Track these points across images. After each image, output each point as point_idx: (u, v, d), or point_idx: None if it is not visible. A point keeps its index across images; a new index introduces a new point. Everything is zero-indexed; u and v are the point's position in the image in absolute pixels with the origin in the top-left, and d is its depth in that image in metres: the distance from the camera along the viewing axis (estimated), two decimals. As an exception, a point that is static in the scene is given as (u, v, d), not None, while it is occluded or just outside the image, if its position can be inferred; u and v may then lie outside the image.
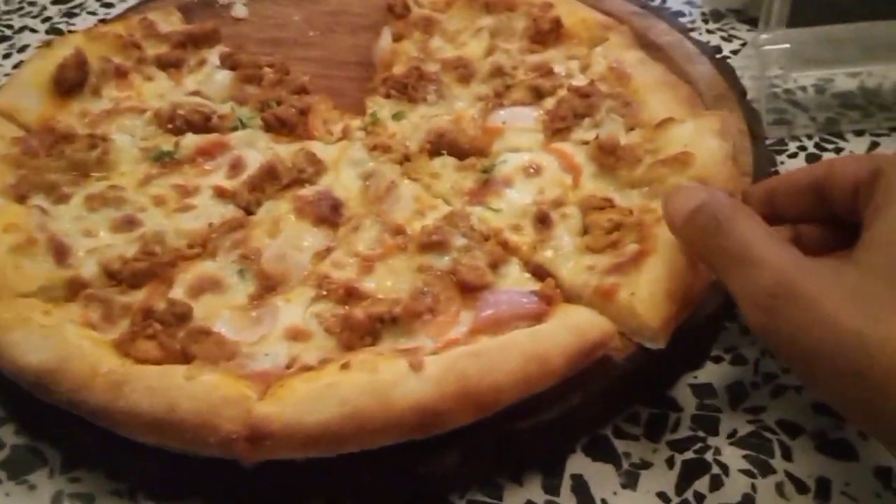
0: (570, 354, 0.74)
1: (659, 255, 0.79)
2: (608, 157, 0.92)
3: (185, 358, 0.77)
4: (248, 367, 0.77)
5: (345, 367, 0.72)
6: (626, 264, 0.80)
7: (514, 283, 0.83)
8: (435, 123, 1.02)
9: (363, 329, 0.78)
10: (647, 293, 0.77)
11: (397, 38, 1.16)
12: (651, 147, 0.92)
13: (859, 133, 1.08)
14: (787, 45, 1.06)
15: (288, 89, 1.09)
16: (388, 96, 1.07)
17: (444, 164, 0.97)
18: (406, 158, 0.99)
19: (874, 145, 1.07)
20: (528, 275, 0.84)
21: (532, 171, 0.95)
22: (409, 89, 1.06)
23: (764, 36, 1.07)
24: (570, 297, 0.82)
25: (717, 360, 0.86)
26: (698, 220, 0.70)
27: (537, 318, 0.78)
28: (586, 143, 0.96)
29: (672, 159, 0.88)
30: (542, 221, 0.87)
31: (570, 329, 0.76)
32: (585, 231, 0.86)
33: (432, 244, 0.85)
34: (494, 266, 0.84)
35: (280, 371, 0.76)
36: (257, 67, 1.11)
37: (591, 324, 0.77)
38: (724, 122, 0.91)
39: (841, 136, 1.09)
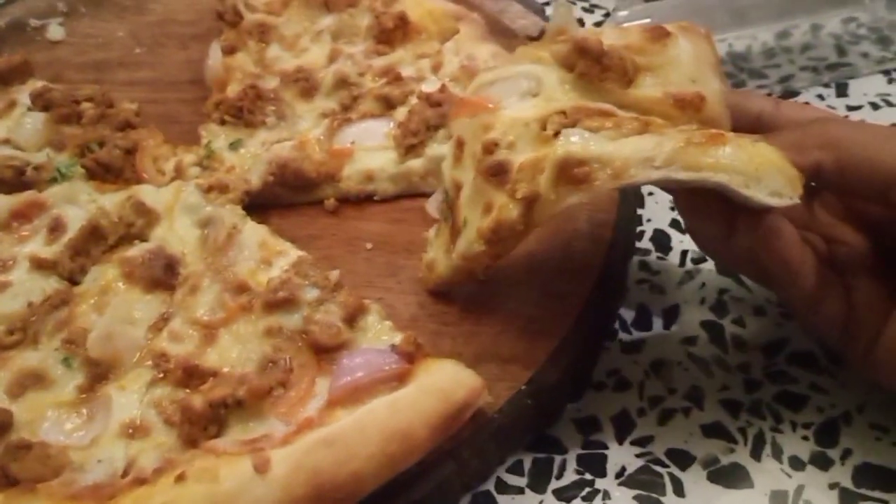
0: (435, 423, 0.68)
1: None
2: (591, 64, 0.71)
3: (7, 480, 0.68)
4: (77, 482, 0.68)
5: (180, 479, 0.64)
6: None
7: (375, 336, 0.75)
8: (276, 152, 0.92)
9: (205, 419, 0.69)
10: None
11: (230, 50, 1.05)
12: (645, 62, 0.72)
13: (731, 105, 1.03)
14: (648, 20, 0.99)
15: (111, 126, 0.98)
16: (222, 122, 0.97)
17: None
18: (247, 195, 0.89)
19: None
20: (388, 323, 0.77)
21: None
22: (245, 113, 0.96)
23: (622, 13, 1.00)
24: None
25: (600, 386, 0.80)
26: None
27: (399, 379, 0.71)
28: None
29: (688, 102, 0.70)
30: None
31: (434, 393, 0.69)
32: None
33: (280, 302, 0.77)
34: (351, 319, 0.76)
35: (114, 481, 0.67)
36: (74, 103, 0.99)
37: (456, 382, 0.70)
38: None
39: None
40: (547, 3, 1.19)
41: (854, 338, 0.69)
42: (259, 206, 0.91)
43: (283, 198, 0.93)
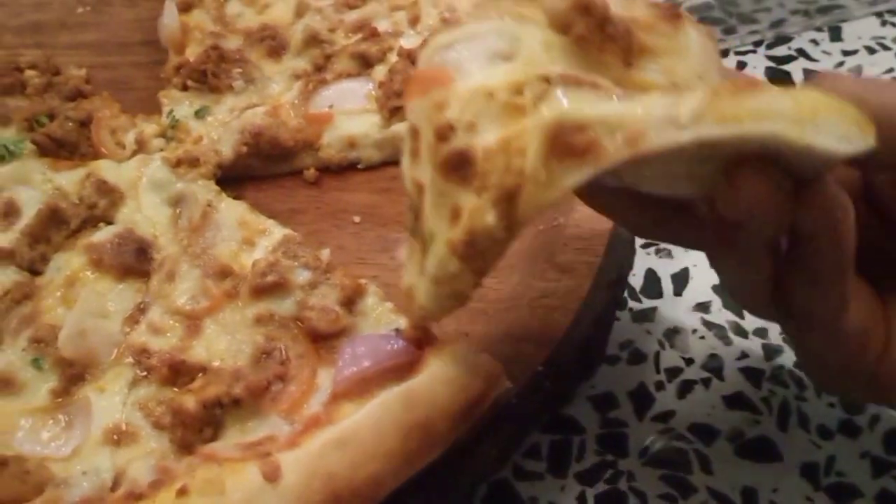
0: (454, 414, 0.62)
1: None
2: (593, 28, 0.53)
3: (-18, 502, 0.61)
4: (63, 499, 0.61)
5: (182, 493, 0.58)
6: None
7: (376, 321, 0.70)
8: (248, 120, 0.85)
9: (199, 421, 0.63)
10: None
11: (185, 6, 0.96)
12: (651, 43, 0.56)
13: (723, 53, 0.98)
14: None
15: (60, 96, 0.89)
16: (185, 88, 0.89)
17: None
18: (219, 168, 0.82)
19: (741, 65, 0.97)
20: (389, 305, 0.71)
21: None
22: (209, 77, 0.88)
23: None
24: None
25: (614, 360, 0.76)
26: None
27: (409, 368, 0.65)
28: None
29: None
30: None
31: (450, 382, 0.63)
32: None
33: (268, 286, 0.70)
34: (349, 303, 0.70)
35: (103, 496, 0.61)
36: (17, 71, 0.90)
37: (472, 369, 0.64)
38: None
39: (703, 60, 0.98)
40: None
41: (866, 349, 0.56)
42: (232, 179, 0.83)
43: (258, 169, 0.85)
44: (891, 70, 0.95)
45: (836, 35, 1.00)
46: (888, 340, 0.55)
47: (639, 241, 0.83)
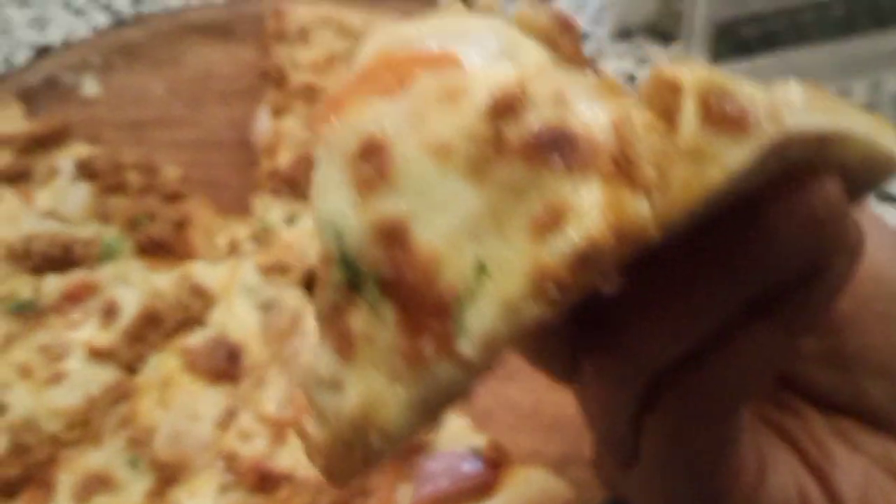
0: (529, 540, 0.65)
1: None
2: (575, 47, 0.43)
3: None
4: None
5: None
6: None
7: (453, 438, 0.73)
8: (334, 228, 0.89)
9: (285, 532, 0.67)
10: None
11: (277, 112, 1.02)
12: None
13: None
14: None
15: (159, 195, 0.94)
16: (276, 193, 0.94)
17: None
18: (309, 278, 0.86)
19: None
20: (467, 420, 0.74)
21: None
22: (300, 184, 0.93)
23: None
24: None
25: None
26: None
27: (485, 488, 0.68)
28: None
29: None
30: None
31: (527, 507, 0.66)
32: None
33: (351, 398, 0.74)
34: (428, 418, 0.73)
35: None
36: (119, 171, 0.96)
37: (546, 495, 0.67)
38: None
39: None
40: None
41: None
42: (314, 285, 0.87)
43: (342, 276, 0.89)
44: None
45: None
46: (761, 469, 0.43)
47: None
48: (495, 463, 0.69)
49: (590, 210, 0.31)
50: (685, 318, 0.36)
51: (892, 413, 0.44)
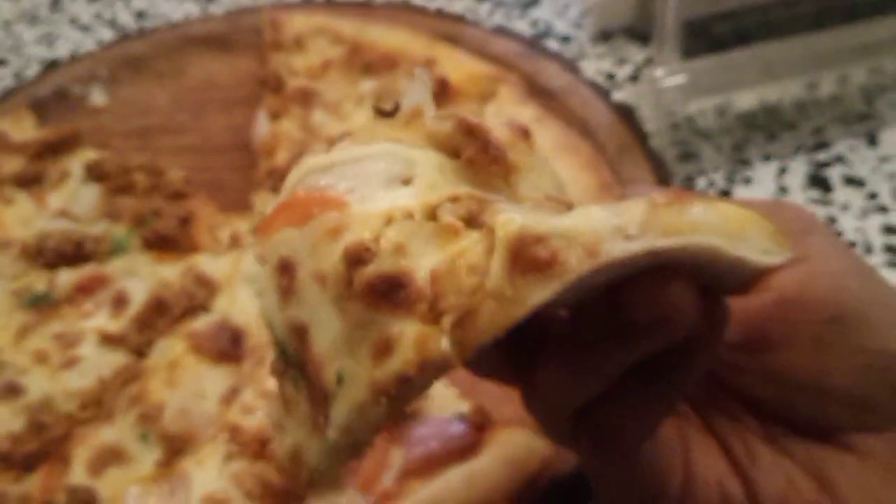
0: (511, 494, 0.70)
1: None
2: (480, 150, 0.48)
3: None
4: (165, 561, 0.70)
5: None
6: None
7: (440, 404, 0.78)
8: (330, 220, 0.95)
9: (285, 494, 0.72)
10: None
11: (275, 115, 1.08)
12: (516, 159, 0.50)
13: (766, 158, 1.05)
14: (684, 78, 1.02)
15: (164, 195, 1.00)
16: (275, 189, 0.99)
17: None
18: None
19: (781, 171, 1.04)
20: (454, 390, 0.79)
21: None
22: (296, 181, 0.98)
23: (659, 71, 1.03)
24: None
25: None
26: None
27: (471, 450, 0.73)
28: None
29: None
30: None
31: (508, 463, 0.71)
32: None
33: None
34: (417, 389, 0.78)
35: (202, 560, 0.70)
36: (126, 173, 1.02)
37: (528, 451, 0.72)
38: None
39: (748, 164, 1.05)
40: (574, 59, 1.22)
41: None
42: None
43: (337, 264, 0.95)
44: None
45: (872, 141, 1.07)
46: (688, 472, 0.49)
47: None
48: (480, 426, 0.74)
49: (406, 345, 0.40)
50: (581, 374, 0.44)
51: (816, 423, 0.49)
